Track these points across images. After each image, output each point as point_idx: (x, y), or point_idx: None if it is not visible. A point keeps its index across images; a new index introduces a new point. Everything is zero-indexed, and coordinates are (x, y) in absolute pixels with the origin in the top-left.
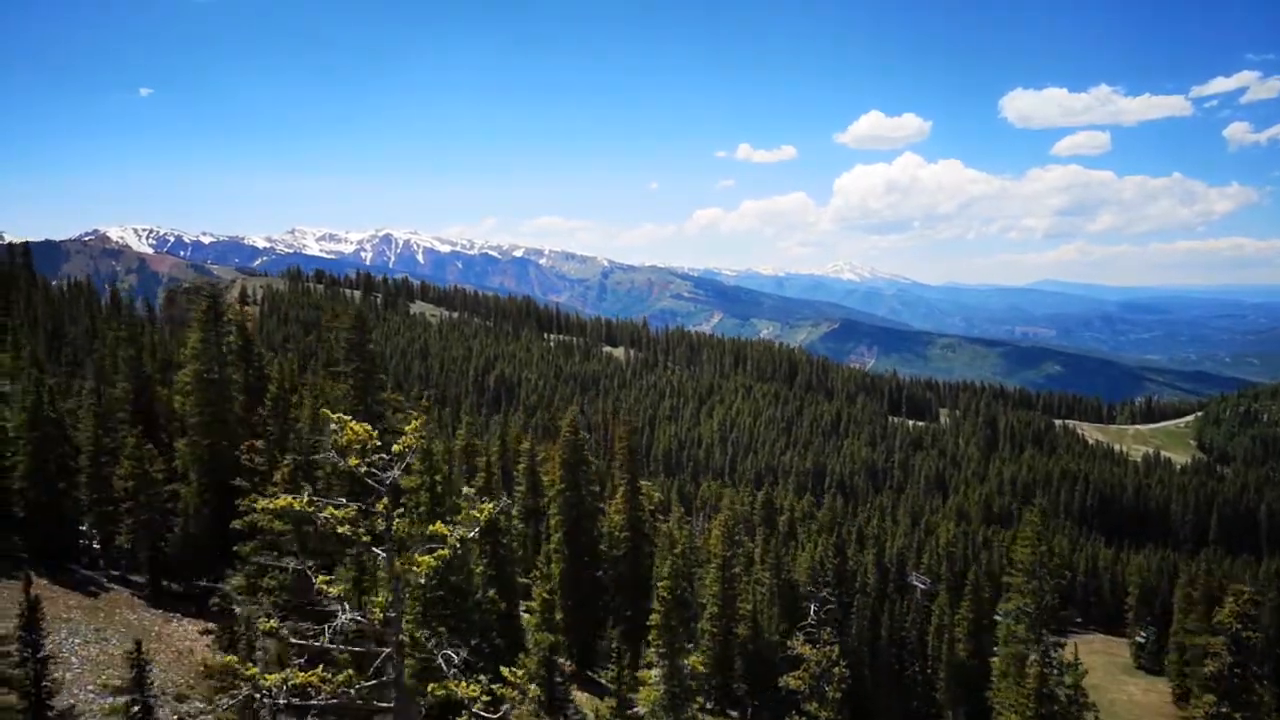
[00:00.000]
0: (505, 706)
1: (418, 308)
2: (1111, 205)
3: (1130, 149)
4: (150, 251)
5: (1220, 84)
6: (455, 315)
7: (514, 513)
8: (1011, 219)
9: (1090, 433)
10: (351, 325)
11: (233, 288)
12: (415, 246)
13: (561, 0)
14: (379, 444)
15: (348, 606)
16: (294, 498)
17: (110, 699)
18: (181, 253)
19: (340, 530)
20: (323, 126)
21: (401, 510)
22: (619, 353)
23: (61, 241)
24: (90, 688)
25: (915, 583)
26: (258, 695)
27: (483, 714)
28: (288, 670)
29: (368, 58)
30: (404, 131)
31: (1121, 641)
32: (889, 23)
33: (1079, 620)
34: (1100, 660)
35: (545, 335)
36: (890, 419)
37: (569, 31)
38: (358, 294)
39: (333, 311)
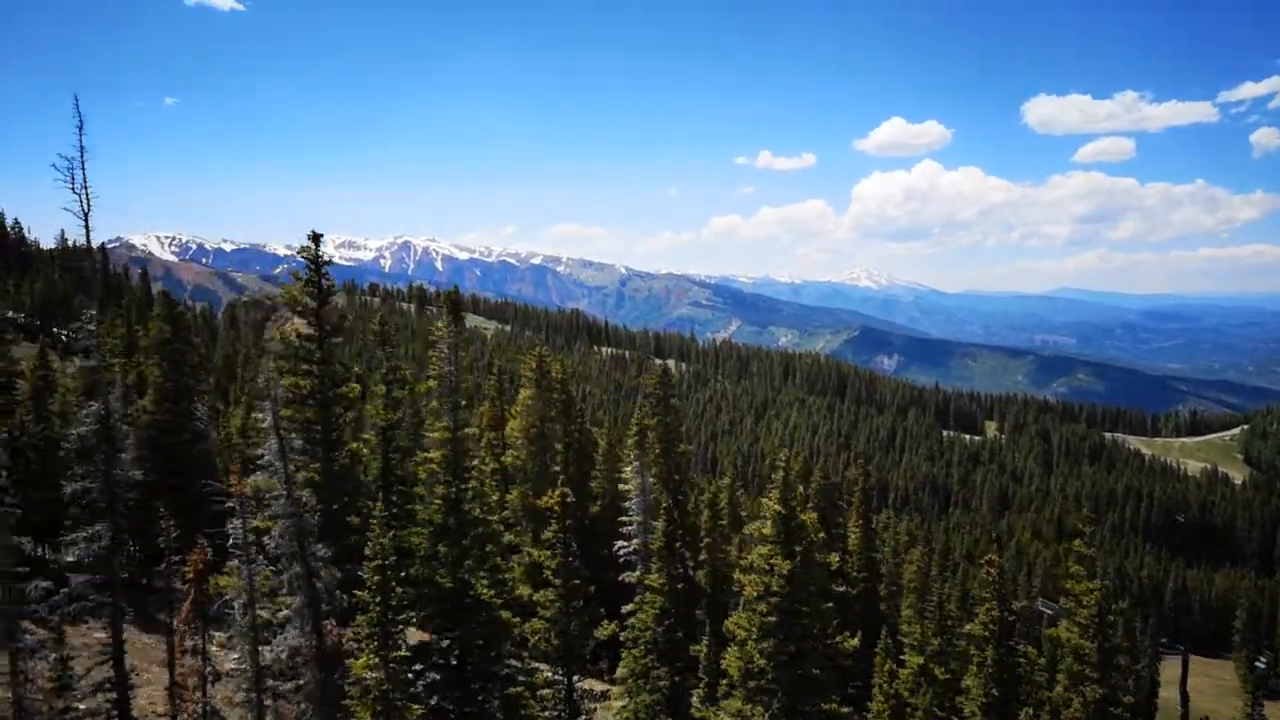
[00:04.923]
0: None
1: (471, 321)
2: (1134, 212)
3: (1154, 155)
4: (174, 259)
5: (1249, 89)
6: (508, 328)
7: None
8: (1032, 226)
9: (1138, 446)
10: (658, 380)
11: None
12: (434, 254)
13: (581, 6)
14: None
15: None
16: None
17: None
18: (204, 260)
19: None
20: (342, 134)
21: None
22: (669, 365)
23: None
24: None
25: (1042, 609)
26: None
27: None
28: None
29: (388, 67)
30: (422, 139)
31: (1218, 663)
32: (914, 28)
33: (1165, 640)
34: (1206, 683)
35: (596, 348)
36: (943, 433)
37: (591, 38)
38: (412, 307)
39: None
